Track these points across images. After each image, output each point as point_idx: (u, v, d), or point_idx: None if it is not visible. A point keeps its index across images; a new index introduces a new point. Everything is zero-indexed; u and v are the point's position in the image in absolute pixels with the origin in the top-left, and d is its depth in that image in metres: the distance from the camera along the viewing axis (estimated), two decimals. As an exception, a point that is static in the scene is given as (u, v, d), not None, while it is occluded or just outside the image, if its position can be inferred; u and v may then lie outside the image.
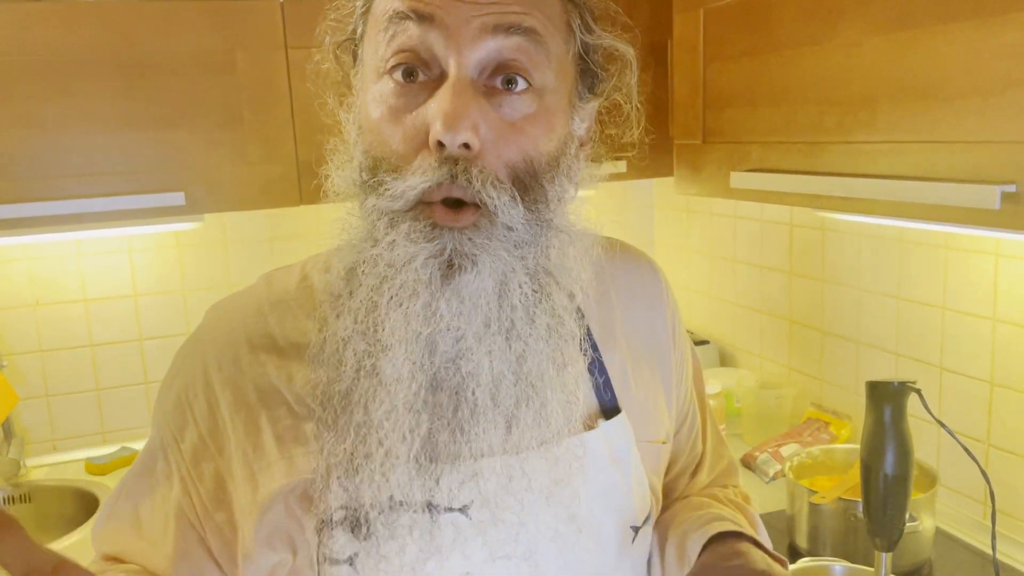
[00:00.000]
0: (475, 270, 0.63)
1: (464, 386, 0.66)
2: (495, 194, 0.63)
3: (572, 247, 0.70)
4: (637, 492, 0.77)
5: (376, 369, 0.65)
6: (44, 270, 1.87)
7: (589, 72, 0.72)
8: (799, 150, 1.19)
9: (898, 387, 0.99)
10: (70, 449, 1.92)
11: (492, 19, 0.63)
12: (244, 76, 1.56)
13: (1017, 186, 0.88)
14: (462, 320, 0.64)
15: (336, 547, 0.68)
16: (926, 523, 1.31)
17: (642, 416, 0.79)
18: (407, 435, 0.65)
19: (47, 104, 1.47)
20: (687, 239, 2.23)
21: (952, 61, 0.95)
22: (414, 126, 0.64)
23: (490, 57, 0.64)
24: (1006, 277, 1.36)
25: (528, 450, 0.68)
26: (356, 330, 0.66)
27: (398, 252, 0.63)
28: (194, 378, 0.74)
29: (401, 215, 0.64)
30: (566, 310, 0.70)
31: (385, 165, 0.65)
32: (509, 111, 0.65)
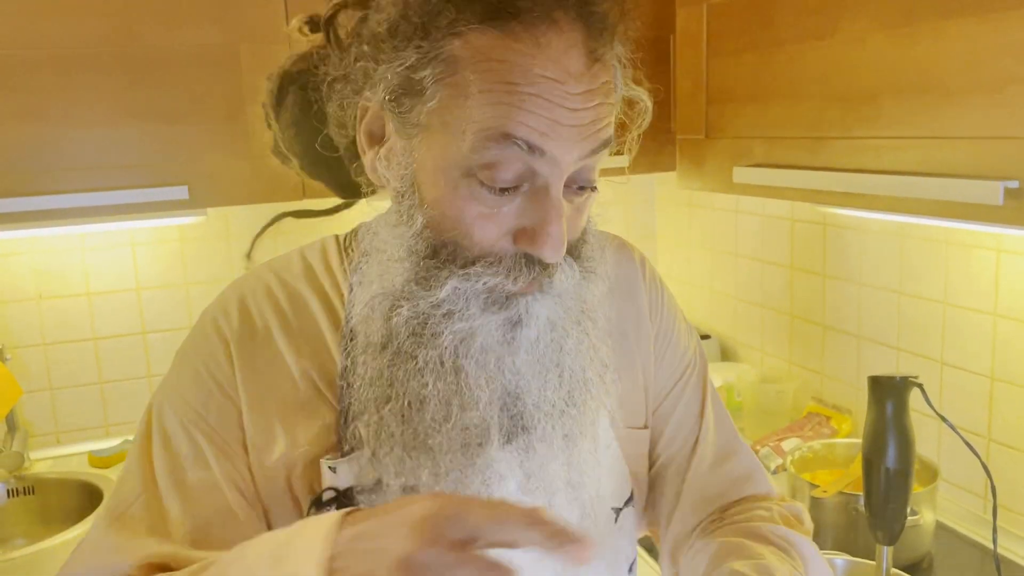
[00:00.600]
0: (534, 325, 0.69)
1: (523, 414, 0.72)
2: (564, 273, 0.69)
3: (603, 284, 0.75)
4: (615, 473, 0.81)
5: (464, 421, 0.70)
6: (48, 264, 1.87)
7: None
8: (802, 145, 1.19)
9: (900, 382, 0.99)
10: (73, 442, 1.93)
11: (590, 143, 0.65)
12: (247, 70, 1.56)
13: (1020, 182, 0.88)
14: (523, 365, 0.70)
15: None
16: (927, 517, 1.32)
17: (621, 403, 0.81)
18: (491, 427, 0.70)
19: (51, 98, 1.47)
20: (689, 234, 2.23)
21: (955, 57, 0.95)
22: (499, 226, 0.67)
23: (578, 173, 0.67)
24: (1007, 272, 1.36)
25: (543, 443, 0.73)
26: (441, 389, 0.70)
27: (477, 322, 0.68)
28: (216, 352, 0.76)
29: (480, 293, 0.68)
30: (601, 340, 0.76)
31: (465, 252, 0.68)
32: (580, 203, 0.69)
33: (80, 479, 1.76)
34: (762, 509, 0.84)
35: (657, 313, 0.88)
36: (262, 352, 0.76)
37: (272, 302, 0.78)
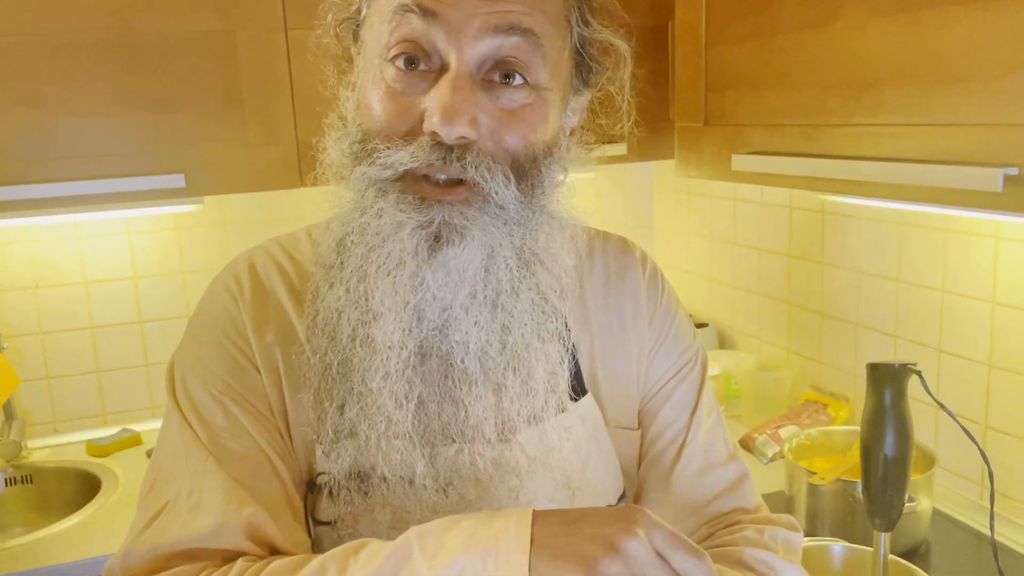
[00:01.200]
0: (463, 243, 0.66)
1: (453, 354, 0.68)
2: (488, 175, 0.66)
3: (561, 232, 0.74)
4: (609, 471, 0.80)
5: (370, 338, 0.68)
6: (44, 252, 1.87)
7: (584, 65, 0.75)
8: (801, 133, 1.19)
9: (899, 369, 0.99)
10: (71, 431, 1.93)
11: (493, 18, 0.66)
12: (244, 58, 1.56)
13: (1020, 169, 0.88)
14: (448, 291, 0.67)
15: (321, 509, 0.72)
16: (924, 504, 1.33)
17: (611, 402, 0.81)
18: (403, 401, 0.68)
19: (47, 85, 1.46)
20: (687, 222, 2.23)
21: (955, 44, 0.95)
22: (409, 110, 0.67)
23: (489, 54, 0.67)
24: (1006, 260, 1.37)
25: (517, 425, 0.71)
26: (349, 300, 0.69)
27: (386, 220, 0.66)
28: (232, 318, 0.75)
29: (390, 185, 0.67)
30: (550, 288, 0.73)
31: (377, 137, 0.68)
32: (507, 102, 0.68)
33: (78, 468, 1.76)
34: (753, 530, 0.79)
35: (655, 309, 0.87)
36: (274, 318, 0.75)
37: (281, 272, 0.78)
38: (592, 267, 0.85)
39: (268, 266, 0.78)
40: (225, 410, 0.72)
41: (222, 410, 0.72)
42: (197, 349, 0.76)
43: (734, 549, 0.77)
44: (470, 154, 0.65)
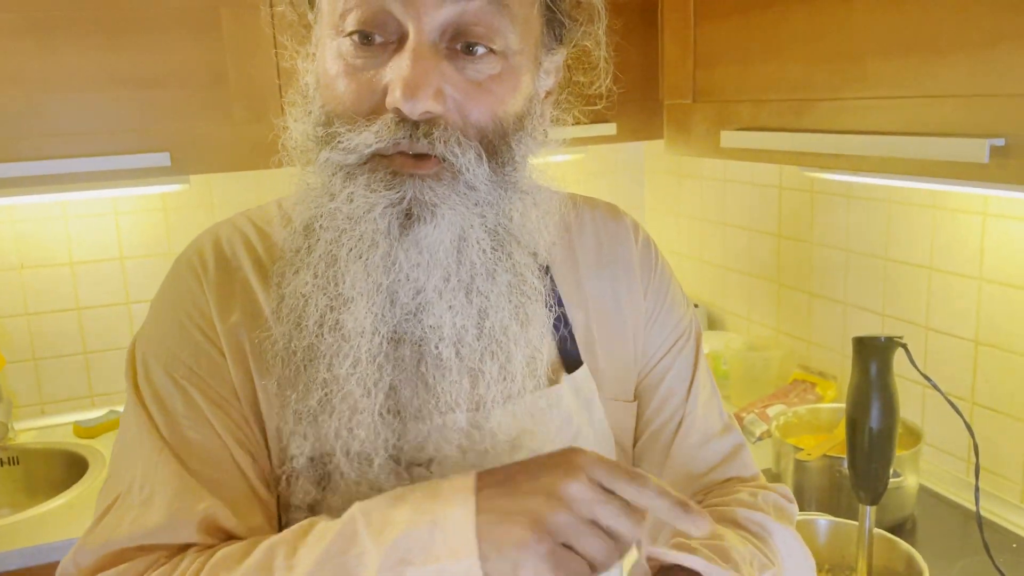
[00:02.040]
0: (434, 221, 0.63)
1: (426, 340, 0.66)
2: (459, 151, 0.63)
3: (535, 208, 0.70)
4: (601, 445, 0.78)
5: (339, 324, 0.65)
6: (29, 232, 1.85)
7: (555, 20, 0.70)
8: (789, 108, 1.19)
9: (884, 342, 0.99)
10: (58, 412, 1.92)
11: None
12: (229, 34, 1.54)
13: (1006, 139, 0.88)
14: (421, 272, 0.64)
15: (297, 494, 0.69)
16: (910, 479, 1.33)
17: (607, 374, 0.79)
18: (371, 389, 0.66)
19: (29, 62, 1.44)
20: (677, 203, 2.23)
21: (941, 15, 0.94)
22: (370, 86, 0.63)
23: (450, 21, 0.62)
24: (993, 236, 1.37)
25: (492, 405, 0.69)
26: (316, 285, 0.66)
27: (357, 203, 0.63)
28: (194, 299, 0.72)
29: (357, 168, 0.64)
30: (528, 268, 0.70)
31: (339, 120, 0.64)
32: (473, 73, 0.64)
33: (65, 449, 1.75)
34: (746, 493, 0.80)
35: (650, 280, 0.85)
36: (240, 297, 0.72)
37: (248, 247, 0.74)
38: (583, 235, 0.82)
39: (235, 241, 0.75)
40: (186, 396, 0.69)
41: (183, 396, 0.69)
42: (158, 330, 0.73)
43: (727, 509, 0.77)
44: (437, 129, 0.62)
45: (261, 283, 0.73)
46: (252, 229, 0.76)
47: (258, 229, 0.76)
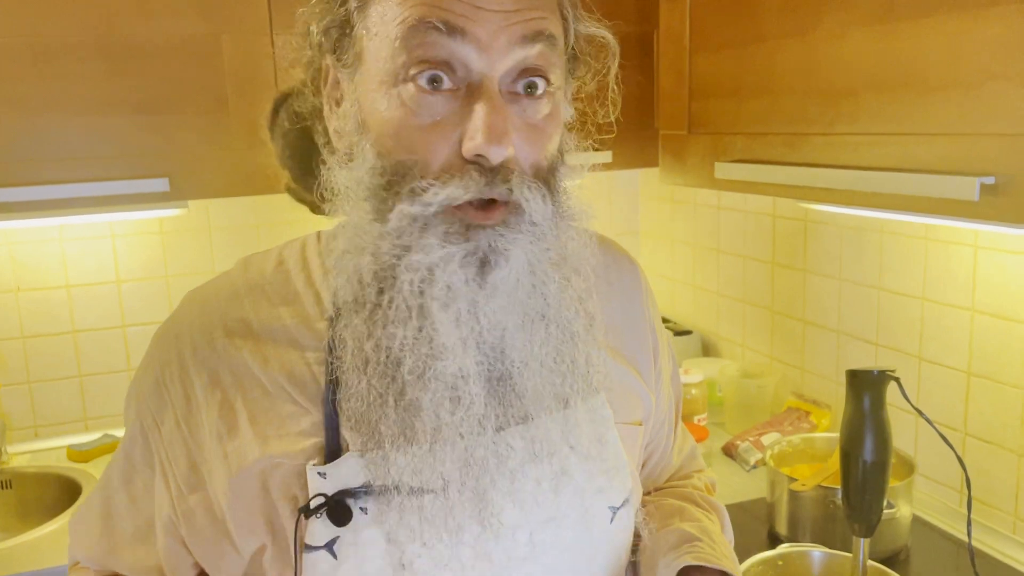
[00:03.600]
0: (508, 265, 0.65)
1: (512, 373, 0.68)
2: (530, 196, 0.65)
3: (581, 234, 0.74)
4: (614, 472, 0.79)
5: (437, 372, 0.66)
6: (26, 255, 1.86)
7: (574, 57, 0.74)
8: (782, 141, 1.20)
9: (878, 375, 1.00)
10: (52, 436, 1.91)
11: (519, 28, 0.64)
12: (229, 61, 1.56)
13: (996, 178, 0.89)
14: (502, 314, 0.66)
15: (314, 534, 0.69)
16: (903, 510, 1.34)
17: (618, 399, 0.81)
18: (476, 427, 0.67)
19: (30, 87, 1.46)
20: (672, 229, 2.24)
21: (933, 54, 0.96)
22: (443, 135, 0.64)
23: (517, 66, 0.65)
24: (984, 268, 1.38)
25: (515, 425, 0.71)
26: (406, 336, 0.66)
27: (436, 255, 0.64)
28: (170, 361, 0.75)
29: (433, 218, 0.64)
30: (586, 291, 0.73)
31: (414, 172, 0.65)
32: (532, 114, 0.66)
33: (58, 473, 1.74)
34: (695, 478, 0.96)
35: (654, 314, 0.90)
36: (225, 362, 0.73)
37: (235, 304, 0.75)
38: (594, 267, 0.84)
39: (222, 302, 0.76)
40: (146, 444, 0.77)
41: (143, 443, 0.77)
42: (143, 376, 0.78)
43: (687, 491, 0.92)
44: (513, 175, 0.64)
45: (251, 344, 0.74)
46: (244, 286, 0.77)
47: (250, 286, 0.77)
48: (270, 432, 0.71)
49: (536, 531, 0.72)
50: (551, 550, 0.73)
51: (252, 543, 0.71)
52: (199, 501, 0.73)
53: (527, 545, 0.72)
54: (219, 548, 0.73)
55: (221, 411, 0.72)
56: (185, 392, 0.74)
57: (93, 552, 0.82)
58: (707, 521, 0.86)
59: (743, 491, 1.59)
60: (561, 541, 0.74)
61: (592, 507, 0.76)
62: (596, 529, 0.76)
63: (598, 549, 0.77)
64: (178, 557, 0.76)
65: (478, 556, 0.70)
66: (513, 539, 0.71)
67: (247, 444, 0.71)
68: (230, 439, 0.71)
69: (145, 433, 0.76)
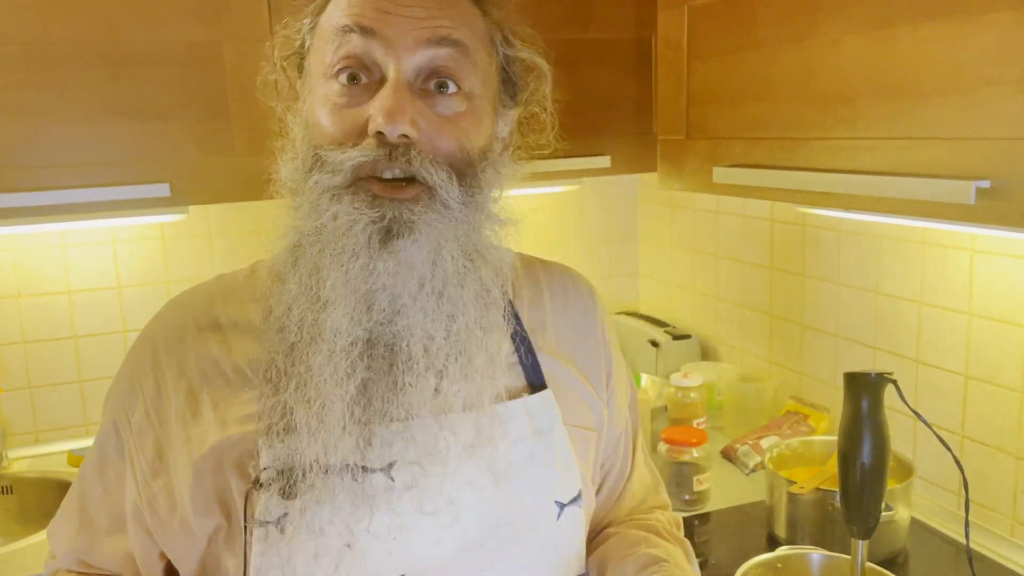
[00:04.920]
0: (412, 237, 0.70)
1: (399, 339, 0.72)
2: (432, 170, 0.71)
3: (499, 231, 0.79)
4: (562, 468, 0.81)
5: (317, 323, 0.71)
6: (27, 261, 1.86)
7: (510, 82, 0.81)
8: (780, 146, 1.21)
9: (875, 378, 1.01)
10: (52, 441, 1.91)
11: (426, 32, 0.72)
12: (230, 68, 1.56)
13: (992, 182, 0.90)
14: (398, 280, 0.70)
15: (264, 508, 0.72)
16: (902, 513, 1.34)
17: (568, 401, 0.85)
18: (343, 381, 0.71)
19: (31, 93, 1.46)
20: (670, 234, 2.25)
21: (930, 59, 0.97)
22: (354, 118, 0.72)
23: (424, 64, 0.73)
24: (981, 272, 1.39)
25: (455, 408, 0.74)
26: (299, 291, 0.73)
27: (341, 221, 0.70)
28: (144, 358, 0.81)
29: (343, 190, 0.71)
30: (492, 282, 0.77)
31: (326, 147, 0.72)
32: (443, 108, 0.73)
33: (59, 478, 1.74)
34: (658, 513, 0.97)
35: (611, 342, 0.94)
36: (192, 353, 0.79)
37: (207, 305, 0.82)
38: (550, 282, 0.92)
39: (196, 301, 0.83)
40: (118, 438, 0.81)
41: (116, 437, 0.82)
42: (121, 372, 0.84)
43: (651, 523, 0.93)
44: (413, 152, 0.70)
45: (218, 335, 0.80)
46: (217, 288, 0.85)
47: (222, 289, 0.84)
48: (230, 415, 0.76)
49: (476, 516, 0.75)
50: (485, 527, 0.76)
51: (208, 524, 0.75)
52: (162, 486, 0.77)
53: (477, 534, 0.75)
54: (178, 532, 0.76)
55: (187, 398, 0.78)
56: (156, 384, 0.79)
57: (73, 547, 0.84)
58: (673, 549, 0.88)
59: (742, 494, 1.59)
60: (497, 518, 0.76)
61: (534, 499, 0.78)
62: (541, 523, 0.79)
63: (545, 544, 0.79)
64: (145, 546, 0.80)
65: (427, 539, 0.74)
66: (457, 526, 0.75)
67: (208, 428, 0.76)
68: (194, 424, 0.77)
69: (117, 427, 0.81)
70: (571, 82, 0.83)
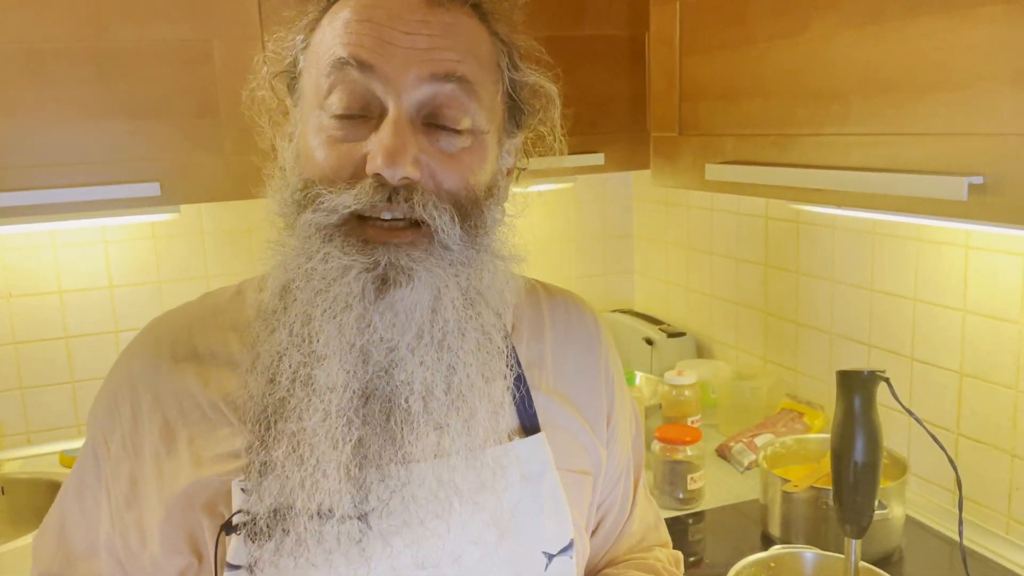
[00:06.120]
0: (411, 285, 0.65)
1: (397, 394, 0.68)
2: (435, 214, 0.67)
3: (502, 271, 0.74)
4: (551, 516, 0.77)
5: (310, 379, 0.67)
6: (18, 261, 1.85)
7: (516, 108, 0.77)
8: (773, 142, 1.20)
9: (868, 376, 1.00)
10: (44, 442, 1.91)
11: (428, 67, 0.68)
12: (221, 66, 1.55)
13: (984, 178, 0.89)
14: (395, 332, 0.66)
15: (236, 552, 0.69)
16: (896, 511, 1.34)
17: (563, 445, 0.80)
18: (339, 442, 0.67)
19: (20, 92, 1.45)
20: (665, 232, 2.24)
21: (922, 55, 0.96)
22: (351, 155, 0.68)
23: (426, 100, 0.68)
24: (975, 269, 1.38)
25: (454, 456, 0.70)
26: (291, 343, 0.68)
27: (332, 265, 0.65)
28: (122, 384, 0.78)
29: (335, 230, 0.66)
30: (494, 327, 0.73)
31: (320, 183, 0.68)
32: (446, 144, 0.69)
33: (51, 479, 1.74)
34: (657, 551, 0.94)
35: (615, 375, 0.90)
36: (169, 385, 0.76)
37: (186, 332, 0.78)
38: (553, 312, 0.87)
39: (175, 328, 0.79)
40: (96, 462, 0.78)
41: (94, 460, 0.79)
42: (102, 392, 0.80)
43: (649, 563, 0.90)
44: (416, 194, 0.66)
45: (195, 366, 0.76)
46: (198, 314, 0.80)
47: (204, 314, 0.80)
48: (205, 454, 0.73)
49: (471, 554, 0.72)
50: None
51: (178, 562, 0.73)
52: (134, 520, 0.75)
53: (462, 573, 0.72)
54: (148, 568, 0.74)
55: (162, 432, 0.74)
56: (133, 412, 0.76)
57: (50, 567, 0.82)
58: None
59: (736, 492, 1.59)
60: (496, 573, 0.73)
61: (521, 549, 0.74)
62: (526, 572, 0.75)
63: None
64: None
65: None
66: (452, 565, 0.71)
67: (182, 465, 0.73)
68: (167, 459, 0.73)
69: (96, 451, 0.78)
70: (564, 79, 0.81)
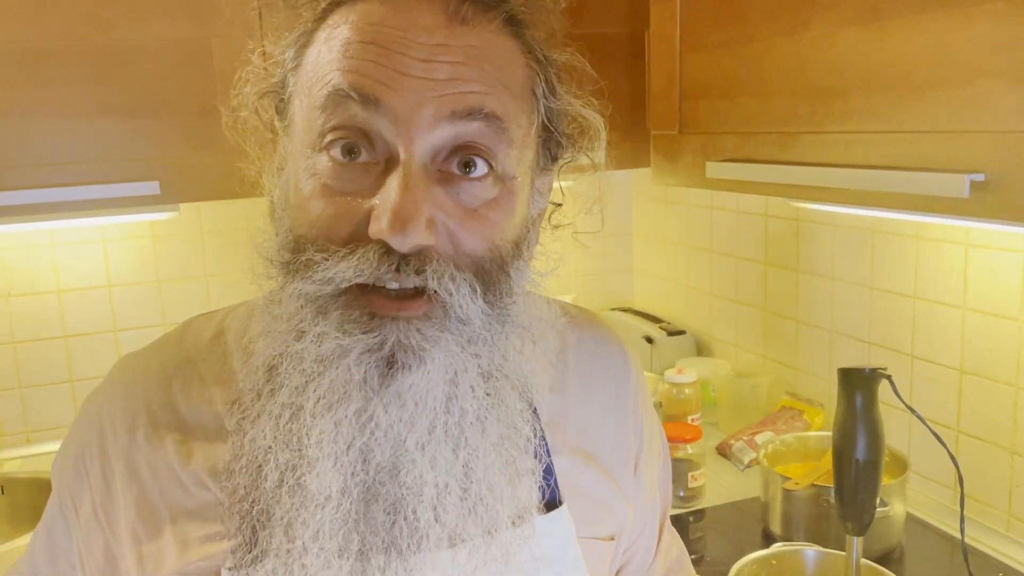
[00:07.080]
0: (423, 369, 0.55)
1: (403, 502, 0.57)
2: (453, 287, 0.55)
3: (532, 344, 0.63)
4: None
5: (301, 485, 0.57)
6: (16, 260, 1.85)
7: (552, 140, 0.65)
8: (773, 140, 1.20)
9: (869, 373, 1.00)
10: (44, 441, 1.90)
11: (449, 103, 0.55)
12: (220, 65, 1.55)
13: (986, 175, 0.89)
14: (402, 426, 0.55)
15: None
16: (897, 508, 1.34)
17: (587, 512, 0.71)
18: (334, 560, 0.57)
19: (19, 91, 1.45)
20: (665, 229, 2.24)
21: (922, 52, 0.96)
22: (350, 212, 0.56)
23: (445, 143, 0.56)
24: (975, 266, 1.38)
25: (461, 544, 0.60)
26: (277, 439, 0.58)
27: (327, 346, 0.54)
28: (91, 441, 0.68)
29: (331, 301, 0.55)
30: (521, 415, 0.62)
31: (312, 246, 0.56)
32: (468, 198, 0.57)
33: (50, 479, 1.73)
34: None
35: (643, 414, 0.80)
36: (145, 455, 0.65)
37: (164, 386, 0.67)
38: (579, 357, 0.75)
39: (149, 382, 0.68)
40: (64, 518, 0.71)
41: (62, 516, 0.71)
42: (67, 444, 0.71)
43: None
44: (430, 263, 0.54)
45: (174, 434, 0.66)
46: (174, 362, 0.69)
47: (180, 362, 0.68)
48: (191, 534, 0.64)
49: None
50: None
51: None
52: None
53: None
54: None
55: (139, 509, 0.65)
56: (104, 478, 0.67)
57: None
58: None
59: (737, 490, 1.59)
60: None
61: None
62: None
63: None
64: None
65: None
66: None
67: (166, 548, 0.64)
68: (148, 541, 0.65)
69: (65, 513, 0.71)
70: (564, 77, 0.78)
